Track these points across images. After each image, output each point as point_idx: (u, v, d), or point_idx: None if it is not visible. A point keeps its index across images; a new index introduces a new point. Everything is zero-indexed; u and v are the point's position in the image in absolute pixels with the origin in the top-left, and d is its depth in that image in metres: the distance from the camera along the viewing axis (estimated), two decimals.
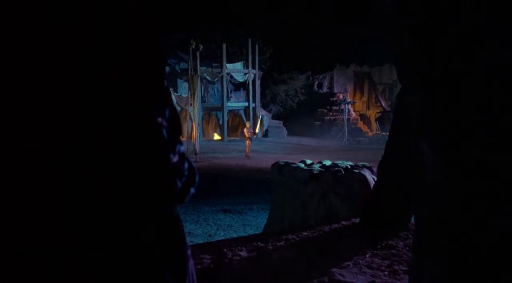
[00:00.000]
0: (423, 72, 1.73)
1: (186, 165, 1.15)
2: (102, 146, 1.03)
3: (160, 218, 1.12)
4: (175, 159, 1.12)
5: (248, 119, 24.58)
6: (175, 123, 1.15)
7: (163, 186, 1.10)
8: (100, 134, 1.02)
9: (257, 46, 26.34)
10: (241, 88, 27.28)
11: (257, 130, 25.26)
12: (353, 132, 23.98)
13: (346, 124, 21.98)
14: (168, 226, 1.15)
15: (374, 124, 25.64)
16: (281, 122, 28.47)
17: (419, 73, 1.76)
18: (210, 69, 24.70)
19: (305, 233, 4.37)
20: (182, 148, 1.17)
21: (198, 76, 14.25)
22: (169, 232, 1.15)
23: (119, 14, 1.09)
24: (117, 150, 1.04)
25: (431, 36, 1.66)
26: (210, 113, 26.04)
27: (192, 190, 1.17)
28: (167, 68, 20.89)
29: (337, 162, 5.74)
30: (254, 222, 8.13)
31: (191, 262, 1.20)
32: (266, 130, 27.21)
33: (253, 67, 26.15)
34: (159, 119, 1.09)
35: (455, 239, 1.67)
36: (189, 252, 1.20)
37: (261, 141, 24.09)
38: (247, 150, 18.19)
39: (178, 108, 19.87)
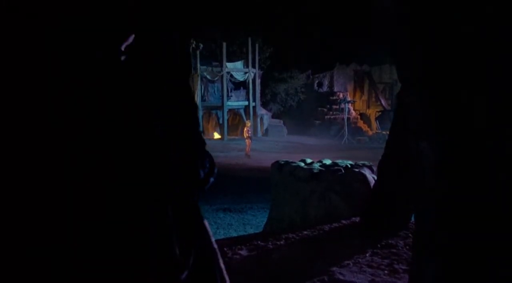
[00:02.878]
0: (423, 72, 1.73)
1: (207, 159, 1.40)
2: (155, 144, 1.23)
3: (186, 202, 1.34)
4: (200, 154, 1.37)
5: (248, 118, 24.56)
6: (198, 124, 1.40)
7: (192, 176, 1.34)
8: (153, 134, 1.23)
9: (257, 45, 26.32)
10: (241, 87, 27.25)
11: (258, 134, 25.17)
12: (353, 131, 23.96)
13: (346, 124, 21.97)
14: (190, 210, 1.36)
15: (374, 124, 25.59)
16: (281, 121, 28.43)
17: (419, 72, 1.76)
18: (210, 68, 24.66)
19: (305, 232, 4.38)
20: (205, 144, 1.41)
21: (198, 75, 14.25)
22: (192, 215, 1.37)
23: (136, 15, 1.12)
24: (163, 147, 1.25)
25: (431, 36, 1.66)
26: (210, 112, 26.01)
27: (212, 180, 1.40)
28: None
29: (337, 161, 5.75)
30: (254, 221, 8.13)
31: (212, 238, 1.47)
32: (266, 129, 27.18)
33: (253, 66, 26.12)
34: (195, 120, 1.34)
35: (455, 239, 1.67)
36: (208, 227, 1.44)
37: (261, 140, 24.07)
38: (247, 149, 18.18)
39: None
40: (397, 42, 1.91)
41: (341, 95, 28.32)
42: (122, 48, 1.13)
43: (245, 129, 18.96)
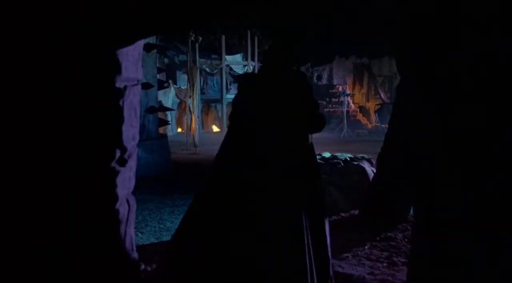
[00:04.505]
0: (422, 70, 1.73)
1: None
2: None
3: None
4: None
5: None
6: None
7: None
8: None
9: (256, 38, 26.22)
10: None
11: None
12: (352, 124, 23.92)
13: (345, 117, 21.93)
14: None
15: (373, 116, 25.56)
16: None
17: (418, 70, 1.76)
18: (209, 61, 24.59)
19: None
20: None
21: (197, 68, 14.18)
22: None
23: None
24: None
25: (430, 35, 1.66)
26: (209, 105, 25.99)
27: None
28: (166, 60, 20.81)
29: (336, 154, 5.76)
30: None
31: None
32: None
33: (252, 59, 26.05)
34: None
35: (453, 233, 1.68)
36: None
37: None
38: None
39: (177, 101, 19.80)
40: (397, 40, 1.91)
41: (340, 88, 28.22)
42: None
43: None
